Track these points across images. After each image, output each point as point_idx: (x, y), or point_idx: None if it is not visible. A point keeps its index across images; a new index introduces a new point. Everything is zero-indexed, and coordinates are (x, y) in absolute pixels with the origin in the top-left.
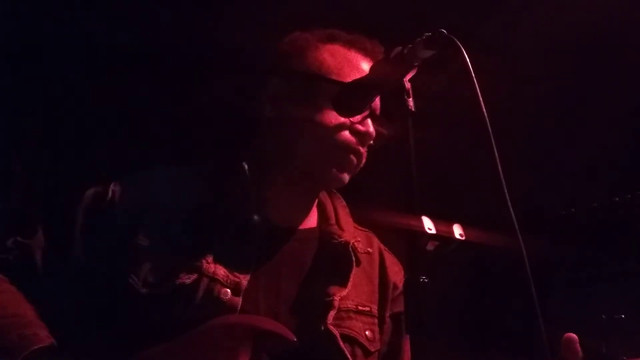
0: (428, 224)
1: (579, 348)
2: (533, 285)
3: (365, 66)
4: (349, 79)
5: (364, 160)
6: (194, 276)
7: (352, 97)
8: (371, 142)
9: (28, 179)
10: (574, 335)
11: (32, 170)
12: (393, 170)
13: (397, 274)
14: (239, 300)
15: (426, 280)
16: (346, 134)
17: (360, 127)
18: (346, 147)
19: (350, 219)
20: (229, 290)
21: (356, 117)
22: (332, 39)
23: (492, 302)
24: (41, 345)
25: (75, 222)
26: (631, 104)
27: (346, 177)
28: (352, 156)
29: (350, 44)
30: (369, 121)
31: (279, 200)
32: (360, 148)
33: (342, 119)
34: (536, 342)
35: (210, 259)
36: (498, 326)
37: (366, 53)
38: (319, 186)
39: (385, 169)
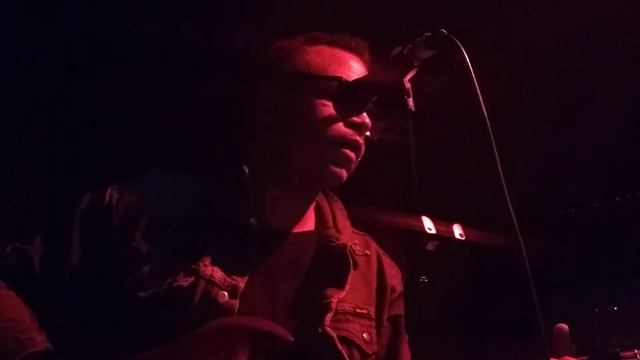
0: (428, 224)
1: (569, 339)
2: (533, 285)
3: (352, 62)
4: (337, 74)
5: (361, 153)
6: (191, 279)
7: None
8: (367, 132)
9: (27, 185)
10: (565, 326)
11: (31, 176)
12: (393, 170)
13: (394, 277)
14: (236, 303)
15: (426, 280)
16: (340, 126)
17: (355, 118)
18: (342, 141)
19: (348, 222)
20: (226, 293)
21: None
22: (316, 41)
23: (492, 302)
24: (36, 349)
25: (72, 227)
26: (631, 104)
27: (344, 173)
28: (348, 150)
29: (334, 43)
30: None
31: (276, 204)
32: (358, 139)
33: (335, 113)
34: (536, 341)
35: (207, 261)
36: (498, 326)
37: (351, 50)
38: (316, 186)
39: (385, 169)
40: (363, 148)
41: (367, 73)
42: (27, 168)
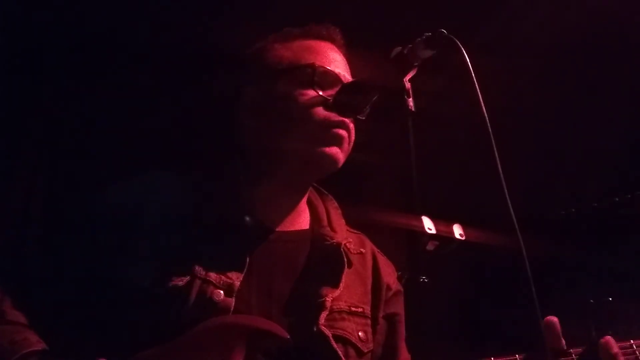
0: (428, 224)
1: (559, 332)
2: (533, 285)
3: (325, 48)
4: (311, 62)
5: (352, 132)
6: (187, 278)
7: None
8: (353, 115)
9: (27, 184)
10: (554, 318)
11: (32, 176)
12: (393, 170)
13: (390, 275)
14: (231, 301)
15: (426, 280)
16: (321, 110)
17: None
18: (327, 123)
19: (343, 221)
20: (221, 292)
21: (330, 90)
22: (286, 37)
23: (491, 302)
24: (31, 349)
25: (69, 227)
26: (631, 104)
27: (337, 151)
28: (336, 130)
29: (303, 35)
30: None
31: (270, 202)
32: (344, 120)
33: (315, 98)
34: (536, 341)
35: (202, 261)
36: (498, 326)
37: (322, 37)
38: (314, 172)
39: (385, 169)
40: (353, 127)
41: (343, 57)
42: (27, 168)
